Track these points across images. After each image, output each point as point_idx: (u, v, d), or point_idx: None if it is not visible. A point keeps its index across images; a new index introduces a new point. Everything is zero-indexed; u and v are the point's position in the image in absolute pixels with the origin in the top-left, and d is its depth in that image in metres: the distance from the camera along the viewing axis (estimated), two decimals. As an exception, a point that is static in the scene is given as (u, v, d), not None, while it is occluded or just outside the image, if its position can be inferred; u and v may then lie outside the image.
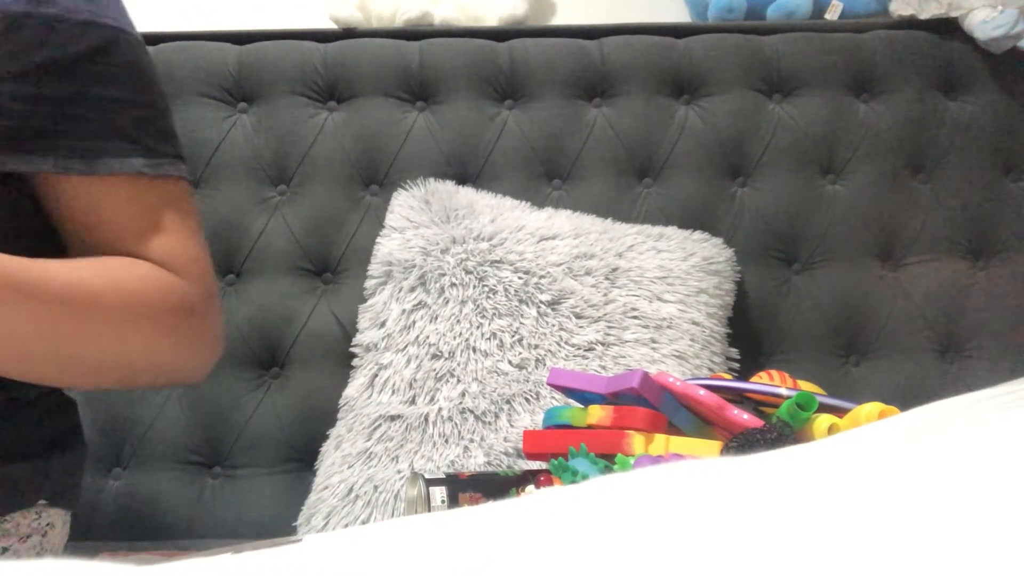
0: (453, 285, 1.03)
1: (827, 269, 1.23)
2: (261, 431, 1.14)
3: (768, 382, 0.85)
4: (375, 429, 1.00)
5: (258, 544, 0.39)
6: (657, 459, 0.69)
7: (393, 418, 1.00)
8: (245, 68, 1.19)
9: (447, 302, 1.03)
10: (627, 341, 1.02)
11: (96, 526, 1.09)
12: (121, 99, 0.63)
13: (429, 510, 0.77)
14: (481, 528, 0.29)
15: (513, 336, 1.01)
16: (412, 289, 1.04)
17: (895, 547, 0.25)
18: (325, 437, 1.06)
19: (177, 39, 1.21)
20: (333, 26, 1.26)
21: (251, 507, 1.12)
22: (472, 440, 0.97)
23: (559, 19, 1.39)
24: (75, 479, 0.75)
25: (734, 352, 1.11)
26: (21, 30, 0.59)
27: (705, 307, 1.07)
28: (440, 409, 0.98)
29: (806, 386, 0.84)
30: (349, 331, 1.12)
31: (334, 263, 1.19)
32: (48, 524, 0.71)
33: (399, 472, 0.97)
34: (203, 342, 0.67)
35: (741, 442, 0.68)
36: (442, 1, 1.29)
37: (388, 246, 1.08)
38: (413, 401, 1.00)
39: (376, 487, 0.97)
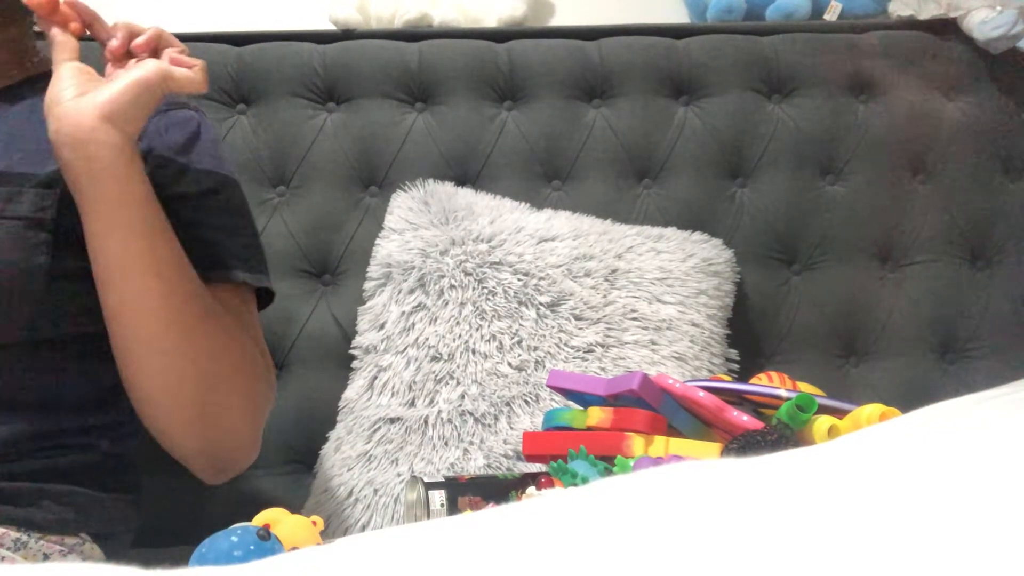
0: (452, 287, 1.03)
1: (827, 270, 1.23)
2: (260, 433, 1.13)
3: (767, 384, 0.85)
4: (375, 431, 1.00)
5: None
6: (657, 461, 0.69)
7: (392, 420, 0.99)
8: (244, 69, 1.19)
9: (446, 304, 1.02)
10: (626, 343, 1.02)
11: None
12: (231, 227, 0.81)
13: (428, 514, 0.77)
14: (486, 535, 0.29)
15: (512, 338, 1.01)
16: (411, 291, 1.04)
17: (898, 551, 0.25)
18: (324, 439, 1.06)
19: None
20: (332, 27, 1.26)
21: (250, 510, 1.11)
22: (472, 442, 0.97)
23: (558, 20, 1.39)
24: (116, 529, 0.78)
25: (734, 353, 1.11)
26: (166, 168, 0.78)
27: (705, 308, 1.07)
28: (439, 411, 0.98)
29: (806, 387, 0.84)
30: (348, 333, 1.11)
31: (333, 264, 1.18)
32: (88, 559, 0.73)
33: (399, 475, 0.97)
34: (256, 422, 0.78)
35: (741, 444, 0.68)
36: (441, 2, 1.28)
37: (387, 248, 1.07)
38: (412, 403, 1.00)
39: (376, 490, 0.97)
